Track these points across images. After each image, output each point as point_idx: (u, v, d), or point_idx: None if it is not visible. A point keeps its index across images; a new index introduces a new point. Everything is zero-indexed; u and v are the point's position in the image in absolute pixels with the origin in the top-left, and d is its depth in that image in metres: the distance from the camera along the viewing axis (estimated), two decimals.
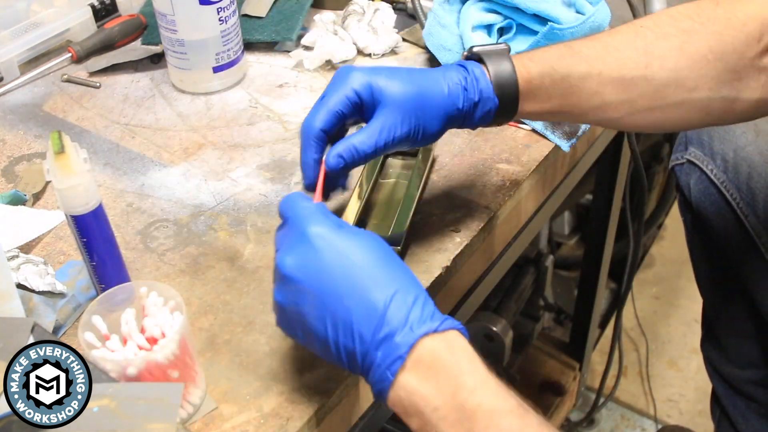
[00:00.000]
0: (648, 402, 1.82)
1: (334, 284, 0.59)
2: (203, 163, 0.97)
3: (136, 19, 1.18)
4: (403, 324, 0.57)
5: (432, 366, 0.56)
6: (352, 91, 0.71)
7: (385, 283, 0.59)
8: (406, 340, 0.56)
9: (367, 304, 0.58)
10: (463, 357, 0.57)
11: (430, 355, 0.57)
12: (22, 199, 0.91)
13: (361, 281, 0.59)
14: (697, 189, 1.08)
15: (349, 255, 0.60)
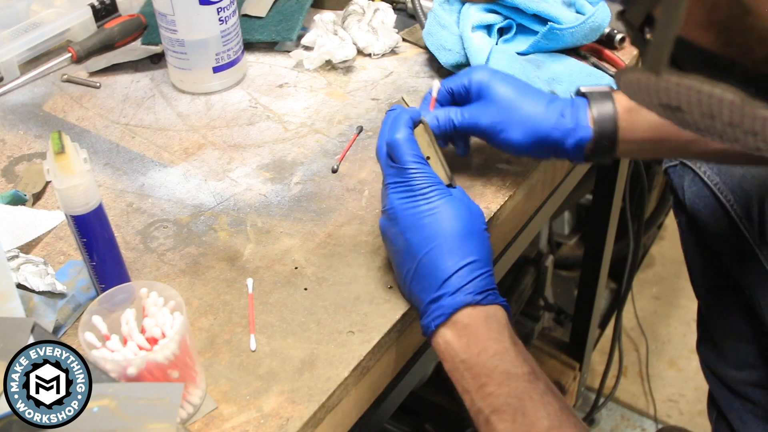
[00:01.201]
0: (648, 402, 1.82)
1: (423, 241, 0.72)
2: (203, 163, 0.97)
3: (136, 19, 1.18)
4: (456, 291, 0.70)
5: (466, 328, 0.70)
6: (468, 80, 0.85)
7: (459, 255, 0.72)
8: (451, 303, 0.70)
9: (439, 268, 0.71)
10: (495, 327, 0.69)
11: (467, 320, 0.70)
12: (22, 199, 0.91)
13: (442, 248, 0.72)
14: (691, 191, 1.08)
15: (442, 221, 0.72)
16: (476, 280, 0.71)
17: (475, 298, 0.70)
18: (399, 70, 1.12)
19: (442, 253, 0.72)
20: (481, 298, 0.70)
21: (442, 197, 0.74)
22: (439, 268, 0.72)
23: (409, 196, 0.74)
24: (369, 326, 0.76)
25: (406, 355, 0.84)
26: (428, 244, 0.72)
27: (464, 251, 0.72)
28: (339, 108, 1.05)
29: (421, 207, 0.73)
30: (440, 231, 0.72)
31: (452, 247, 0.72)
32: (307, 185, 0.92)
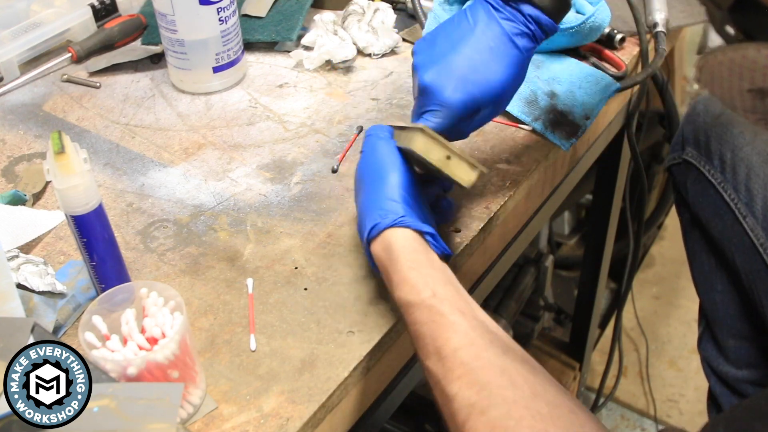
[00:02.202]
0: (648, 402, 1.82)
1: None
2: (203, 163, 0.97)
3: (136, 19, 1.18)
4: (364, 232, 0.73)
5: (379, 261, 0.72)
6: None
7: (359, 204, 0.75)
8: (366, 241, 0.73)
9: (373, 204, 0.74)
10: (392, 256, 0.69)
11: (376, 253, 0.72)
12: (22, 199, 0.91)
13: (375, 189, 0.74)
14: (694, 189, 1.08)
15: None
16: (372, 217, 0.72)
17: (368, 234, 0.71)
18: (399, 70, 1.12)
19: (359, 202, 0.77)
20: (370, 229, 0.71)
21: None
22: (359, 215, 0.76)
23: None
24: (369, 326, 0.76)
25: (406, 355, 0.84)
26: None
27: (359, 199, 0.76)
28: (339, 108, 1.05)
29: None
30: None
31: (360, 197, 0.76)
32: (307, 185, 0.92)
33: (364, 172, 0.76)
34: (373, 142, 0.77)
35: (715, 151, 1.05)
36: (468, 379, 0.60)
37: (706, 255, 1.12)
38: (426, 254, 0.70)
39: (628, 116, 1.26)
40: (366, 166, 0.77)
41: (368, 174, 0.76)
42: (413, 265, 0.68)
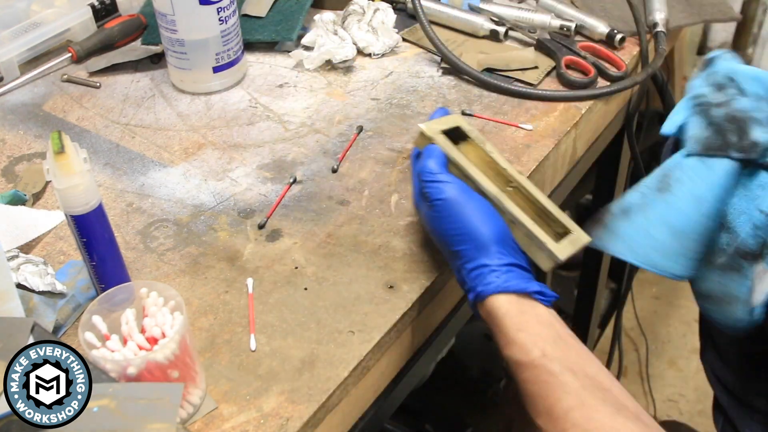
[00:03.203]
0: (648, 402, 1.82)
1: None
2: (203, 163, 0.97)
3: (136, 19, 1.18)
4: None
5: (487, 320, 0.72)
6: None
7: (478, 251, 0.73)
8: (471, 304, 0.74)
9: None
10: (497, 320, 0.71)
11: (484, 314, 0.73)
12: (22, 199, 0.91)
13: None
14: None
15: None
16: (468, 279, 0.73)
17: (474, 299, 0.72)
18: (399, 70, 1.12)
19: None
20: (474, 296, 0.72)
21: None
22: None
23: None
24: (369, 326, 0.76)
25: (406, 355, 0.84)
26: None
27: (460, 257, 0.74)
28: (339, 108, 1.05)
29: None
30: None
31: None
32: (307, 185, 0.92)
33: (455, 228, 0.74)
34: (448, 193, 0.74)
35: None
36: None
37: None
38: (533, 312, 0.70)
39: (628, 116, 1.26)
40: (451, 226, 0.74)
41: (456, 236, 0.73)
42: (520, 327, 0.69)
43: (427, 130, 0.80)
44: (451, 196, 0.74)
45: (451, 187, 0.75)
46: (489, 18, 1.16)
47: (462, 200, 0.74)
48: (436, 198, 0.74)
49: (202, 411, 0.68)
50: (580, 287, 1.66)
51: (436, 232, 0.76)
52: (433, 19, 1.17)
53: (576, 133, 1.04)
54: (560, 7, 1.17)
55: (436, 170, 0.76)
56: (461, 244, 0.73)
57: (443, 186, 0.75)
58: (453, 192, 0.74)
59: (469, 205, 0.74)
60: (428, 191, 0.75)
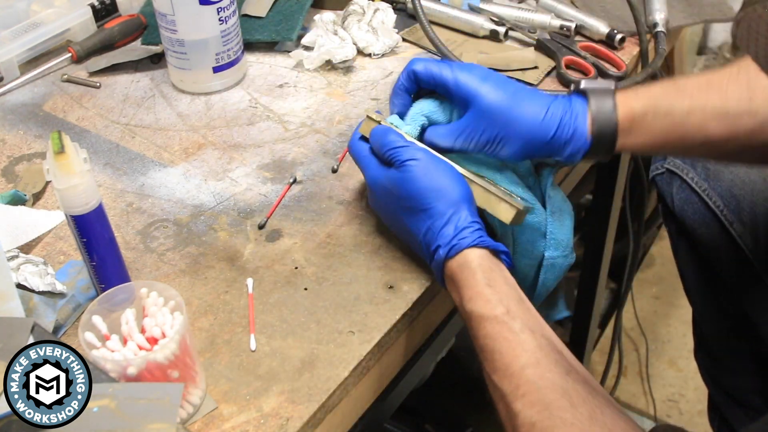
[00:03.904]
0: (648, 402, 1.82)
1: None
2: (203, 163, 0.97)
3: (136, 19, 1.18)
4: (433, 252, 0.75)
5: (451, 279, 0.74)
6: (454, 81, 0.79)
7: (418, 226, 0.76)
8: (435, 265, 0.75)
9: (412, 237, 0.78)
10: (467, 273, 0.72)
11: (449, 273, 0.74)
12: (22, 199, 0.91)
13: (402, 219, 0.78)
14: (679, 198, 1.07)
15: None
16: (440, 236, 0.74)
17: (447, 254, 0.73)
18: (399, 70, 1.11)
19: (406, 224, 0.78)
20: (447, 250, 0.73)
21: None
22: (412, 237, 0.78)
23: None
24: (369, 326, 0.76)
25: (406, 355, 0.84)
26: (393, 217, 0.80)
27: (430, 215, 0.75)
28: (339, 108, 1.05)
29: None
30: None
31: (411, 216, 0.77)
32: (307, 185, 0.92)
33: (430, 186, 0.75)
34: (419, 155, 0.76)
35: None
36: (531, 398, 0.64)
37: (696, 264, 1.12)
38: (500, 272, 0.73)
39: None
40: (425, 184, 0.75)
41: (430, 192, 0.75)
42: (490, 282, 0.71)
43: (374, 115, 0.82)
44: (422, 156, 0.76)
45: (420, 151, 0.77)
46: (489, 18, 1.15)
47: (433, 160, 0.77)
48: (408, 158, 0.76)
49: (202, 411, 0.69)
50: (580, 287, 1.66)
51: (406, 194, 0.76)
52: (433, 19, 1.17)
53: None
54: (560, 7, 1.17)
55: (400, 139, 0.78)
56: (435, 201, 0.75)
57: (412, 149, 0.77)
58: (422, 154, 0.77)
59: (439, 165, 0.77)
60: (397, 156, 0.77)
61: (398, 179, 0.76)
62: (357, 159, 0.82)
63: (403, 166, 0.76)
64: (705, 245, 1.06)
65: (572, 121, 0.78)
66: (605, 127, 0.78)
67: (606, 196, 1.43)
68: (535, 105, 0.78)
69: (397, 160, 0.77)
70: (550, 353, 0.67)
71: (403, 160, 0.76)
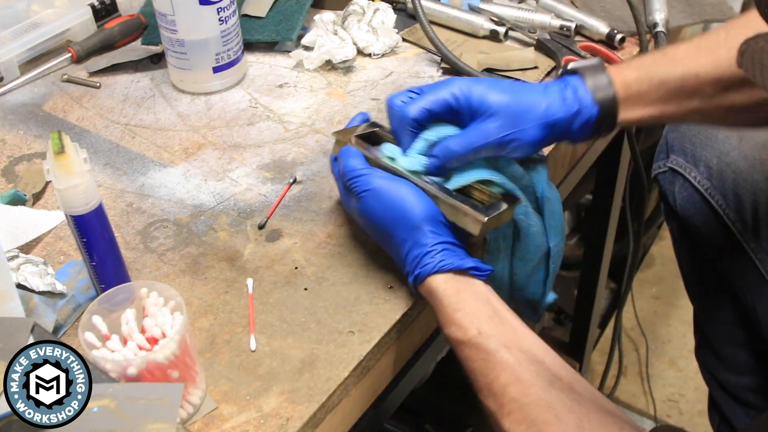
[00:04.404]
0: (648, 402, 1.82)
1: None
2: (203, 163, 0.97)
3: (136, 19, 1.18)
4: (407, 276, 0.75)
5: (428, 303, 0.75)
6: (450, 94, 0.77)
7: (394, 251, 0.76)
8: (412, 290, 0.76)
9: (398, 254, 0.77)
10: (435, 300, 0.73)
11: (424, 296, 0.75)
12: (22, 199, 0.91)
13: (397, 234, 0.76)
14: (682, 197, 1.07)
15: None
16: (407, 263, 0.75)
17: (414, 282, 0.74)
18: (399, 70, 1.12)
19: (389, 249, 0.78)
20: (413, 278, 0.74)
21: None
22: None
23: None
24: (369, 326, 0.76)
25: (406, 355, 0.84)
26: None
27: (395, 244, 0.76)
28: (339, 108, 1.05)
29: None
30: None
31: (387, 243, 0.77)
32: (307, 185, 0.92)
33: (386, 215, 0.75)
34: (375, 183, 0.76)
35: (700, 157, 1.04)
36: (517, 416, 0.65)
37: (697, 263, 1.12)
38: (470, 290, 0.73)
39: None
40: (381, 213, 0.75)
41: (387, 221, 0.75)
42: (457, 306, 0.71)
43: (340, 136, 0.82)
44: (376, 185, 0.76)
45: (375, 177, 0.77)
46: (489, 18, 1.16)
47: (387, 186, 0.76)
48: (363, 190, 0.76)
49: (202, 411, 0.69)
50: (580, 287, 1.66)
51: (369, 224, 0.77)
52: (433, 19, 1.17)
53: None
54: (560, 7, 1.17)
55: (358, 166, 0.78)
56: (394, 229, 0.75)
57: (367, 178, 0.77)
58: (378, 181, 0.76)
59: (395, 190, 0.76)
60: (354, 186, 0.77)
61: (360, 210, 0.77)
62: (336, 180, 0.83)
63: (360, 197, 0.76)
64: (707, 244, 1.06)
65: (574, 95, 0.78)
66: (605, 99, 0.78)
67: (606, 196, 1.43)
68: (534, 93, 0.78)
69: (356, 191, 0.77)
70: (529, 366, 0.67)
71: (360, 191, 0.76)
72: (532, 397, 0.65)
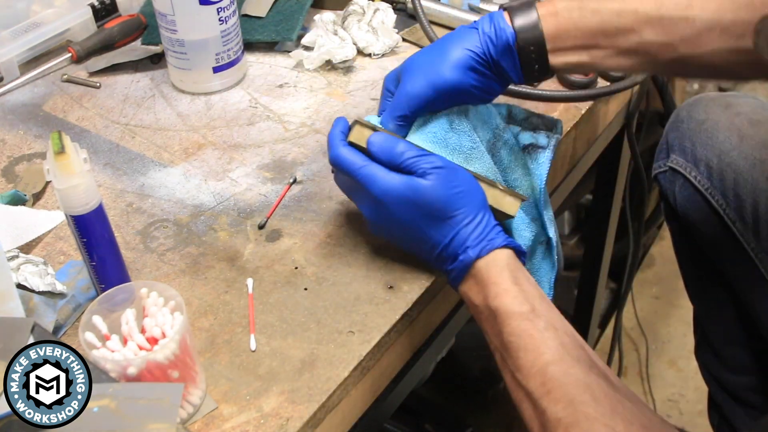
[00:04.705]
0: (648, 402, 1.82)
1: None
2: (203, 163, 0.97)
3: (136, 19, 1.18)
4: (462, 251, 0.75)
5: (475, 278, 0.74)
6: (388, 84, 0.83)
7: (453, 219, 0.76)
8: (459, 265, 0.75)
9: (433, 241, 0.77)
10: (494, 272, 0.73)
11: (475, 271, 0.74)
12: (22, 199, 0.91)
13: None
14: (682, 196, 1.07)
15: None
16: (469, 238, 0.74)
17: (478, 254, 0.74)
18: None
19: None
20: (479, 250, 0.74)
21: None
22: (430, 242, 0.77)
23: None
24: (369, 326, 0.76)
25: (406, 355, 0.84)
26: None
27: (454, 223, 0.75)
28: (339, 108, 1.05)
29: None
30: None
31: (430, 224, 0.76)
32: (307, 185, 0.92)
33: (457, 192, 0.75)
34: (441, 162, 0.75)
35: (701, 157, 1.04)
36: (556, 395, 0.65)
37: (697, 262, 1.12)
38: (524, 272, 0.74)
39: (628, 116, 1.26)
40: (454, 191, 0.75)
41: (459, 198, 0.75)
42: (517, 281, 0.72)
43: (367, 122, 0.80)
44: (445, 164, 0.76)
45: (439, 158, 0.77)
46: None
47: (453, 167, 0.76)
48: (433, 167, 0.75)
49: (202, 411, 0.69)
50: (580, 287, 1.66)
51: (435, 202, 0.75)
52: (433, 19, 1.16)
53: (576, 133, 1.04)
54: None
55: (412, 147, 0.77)
56: (463, 206, 0.75)
57: (433, 157, 0.76)
58: (444, 161, 0.76)
59: (459, 171, 0.76)
60: (418, 164, 0.75)
61: (423, 188, 0.74)
62: (352, 170, 0.77)
63: (429, 174, 0.74)
64: (707, 243, 1.06)
65: (495, 27, 0.77)
66: (529, 25, 0.76)
67: (606, 196, 1.43)
68: (452, 35, 0.79)
69: (419, 168, 0.75)
70: (572, 350, 0.68)
71: (427, 168, 0.75)
72: (572, 377, 0.66)
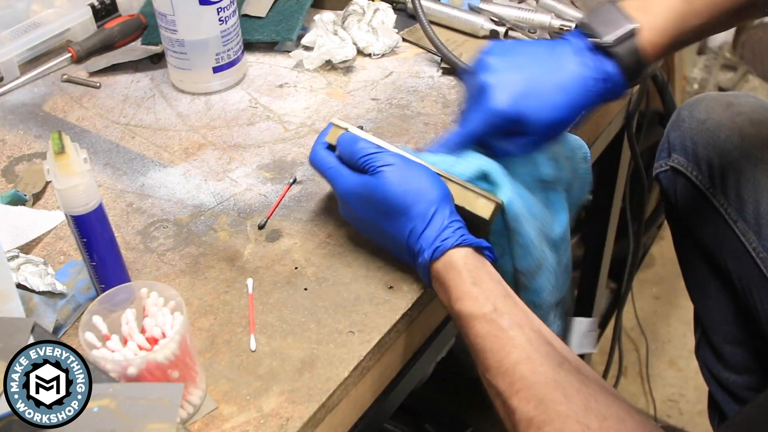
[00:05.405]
0: (648, 402, 1.82)
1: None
2: (203, 163, 0.97)
3: (136, 19, 1.18)
4: (418, 255, 0.75)
5: (437, 281, 0.74)
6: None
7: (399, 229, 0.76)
8: (421, 269, 0.76)
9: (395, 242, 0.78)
10: (452, 274, 0.72)
11: (435, 274, 0.74)
12: (22, 199, 0.91)
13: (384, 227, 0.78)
14: (683, 196, 1.07)
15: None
16: (423, 238, 0.74)
17: (431, 256, 0.74)
18: (399, 70, 1.12)
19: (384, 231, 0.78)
20: (432, 252, 0.73)
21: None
22: (395, 242, 0.78)
23: None
24: (369, 326, 0.76)
25: (406, 355, 0.84)
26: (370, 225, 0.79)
27: (407, 221, 0.75)
28: (339, 108, 1.05)
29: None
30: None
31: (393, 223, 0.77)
32: (307, 185, 0.92)
33: (406, 189, 0.75)
34: (393, 160, 0.76)
35: (702, 156, 1.04)
36: (526, 394, 0.65)
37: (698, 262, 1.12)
38: (485, 268, 0.73)
39: (628, 116, 1.26)
40: (403, 187, 0.75)
41: (408, 194, 0.75)
42: (475, 282, 0.72)
43: (340, 123, 0.82)
44: (396, 161, 0.76)
45: (392, 155, 0.77)
46: (489, 18, 1.16)
47: (407, 163, 0.77)
48: (383, 164, 0.76)
49: (202, 411, 0.69)
50: (580, 287, 1.66)
51: (384, 199, 0.76)
52: (433, 19, 1.17)
53: (576, 133, 1.04)
54: (560, 7, 1.17)
55: (371, 146, 0.78)
56: (414, 203, 0.75)
57: (385, 155, 0.77)
58: (397, 159, 0.77)
59: (415, 167, 0.77)
60: (371, 161, 0.77)
61: (374, 185, 0.76)
62: (323, 170, 0.81)
63: (378, 171, 0.76)
64: (708, 243, 1.06)
65: (596, 59, 0.80)
66: (629, 51, 0.80)
67: (606, 196, 1.43)
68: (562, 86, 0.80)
69: (371, 166, 0.76)
70: (540, 347, 0.67)
71: (377, 165, 0.76)
72: (541, 375, 0.65)
